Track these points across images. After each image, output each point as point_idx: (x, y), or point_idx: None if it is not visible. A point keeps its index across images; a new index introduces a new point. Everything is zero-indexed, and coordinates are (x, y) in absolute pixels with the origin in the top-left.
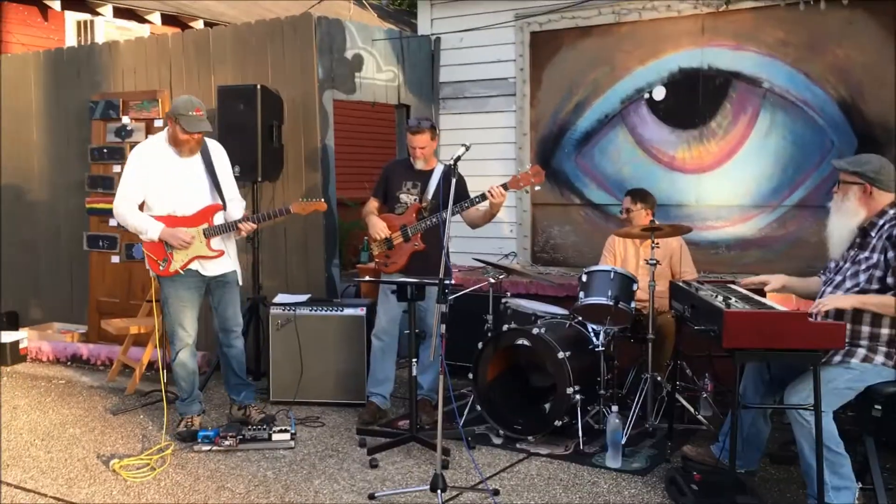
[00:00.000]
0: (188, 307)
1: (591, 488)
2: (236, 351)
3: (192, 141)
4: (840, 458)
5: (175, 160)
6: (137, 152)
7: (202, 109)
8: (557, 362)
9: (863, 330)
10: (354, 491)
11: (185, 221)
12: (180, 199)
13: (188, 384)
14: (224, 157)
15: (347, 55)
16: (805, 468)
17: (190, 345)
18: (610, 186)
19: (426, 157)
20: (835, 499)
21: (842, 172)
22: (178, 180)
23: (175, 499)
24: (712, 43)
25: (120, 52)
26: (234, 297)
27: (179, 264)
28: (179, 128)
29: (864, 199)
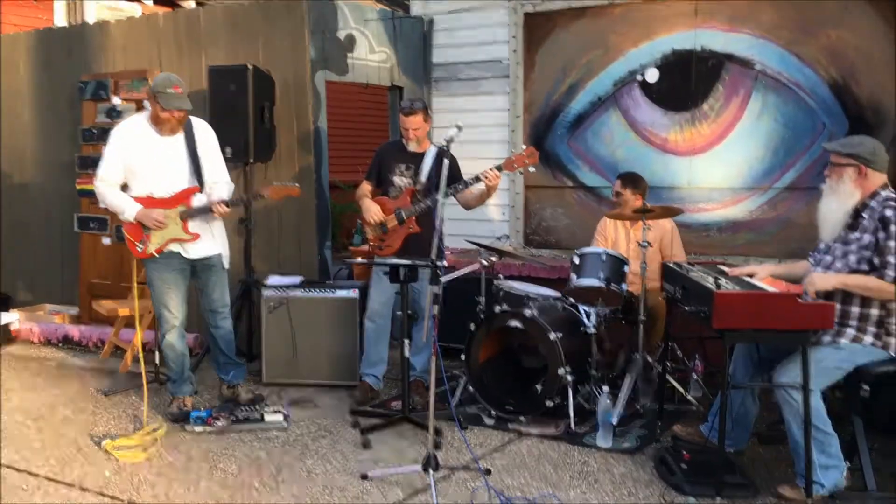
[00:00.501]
0: (172, 289)
1: (582, 467)
2: (223, 331)
3: (172, 119)
4: (828, 437)
5: (156, 140)
6: (118, 131)
7: (181, 87)
8: (549, 343)
9: (852, 310)
10: (347, 471)
11: (163, 203)
12: (159, 179)
13: (178, 365)
14: (210, 138)
15: (340, 36)
16: (793, 446)
17: (177, 326)
18: (603, 169)
19: (419, 139)
20: (823, 478)
21: (835, 154)
22: (158, 161)
23: (168, 479)
24: (706, 25)
25: (110, 32)
26: (220, 279)
27: (155, 246)
28: (159, 106)
29: (859, 181)
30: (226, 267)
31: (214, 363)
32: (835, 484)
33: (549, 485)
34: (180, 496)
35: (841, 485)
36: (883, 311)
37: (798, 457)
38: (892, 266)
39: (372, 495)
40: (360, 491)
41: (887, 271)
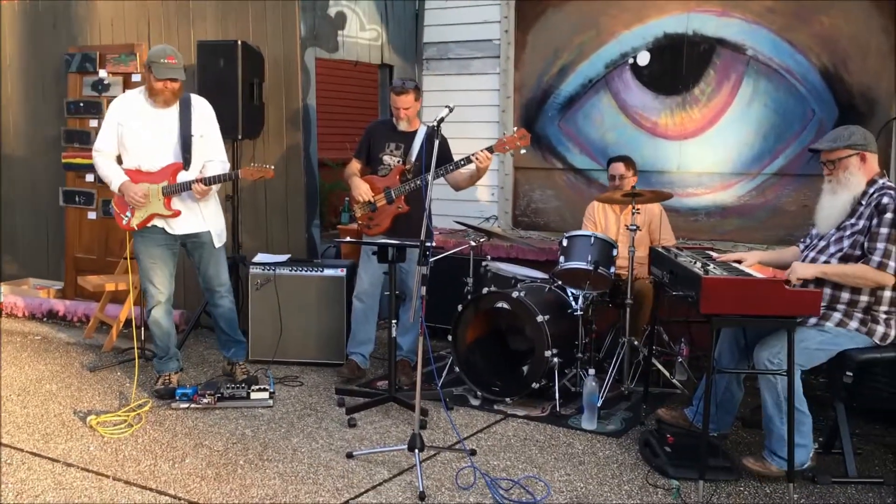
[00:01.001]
0: (158, 264)
1: (567, 449)
2: (223, 310)
3: (166, 91)
4: (802, 416)
5: (149, 114)
6: (116, 103)
7: (176, 58)
8: (536, 326)
9: (842, 296)
10: (332, 449)
11: (149, 177)
12: (148, 153)
13: (163, 342)
14: (208, 115)
15: (330, 13)
16: (766, 422)
17: (162, 303)
18: (593, 151)
19: (409, 118)
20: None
21: (834, 152)
22: (148, 135)
23: (152, 455)
24: (698, 9)
25: (97, 5)
26: (215, 256)
27: (138, 220)
28: (152, 76)
29: (864, 167)
30: (217, 245)
31: (217, 340)
32: (801, 462)
33: (534, 466)
34: (165, 472)
35: (806, 464)
36: (872, 298)
37: (769, 432)
38: (879, 252)
39: (357, 474)
40: (345, 469)
41: (874, 256)
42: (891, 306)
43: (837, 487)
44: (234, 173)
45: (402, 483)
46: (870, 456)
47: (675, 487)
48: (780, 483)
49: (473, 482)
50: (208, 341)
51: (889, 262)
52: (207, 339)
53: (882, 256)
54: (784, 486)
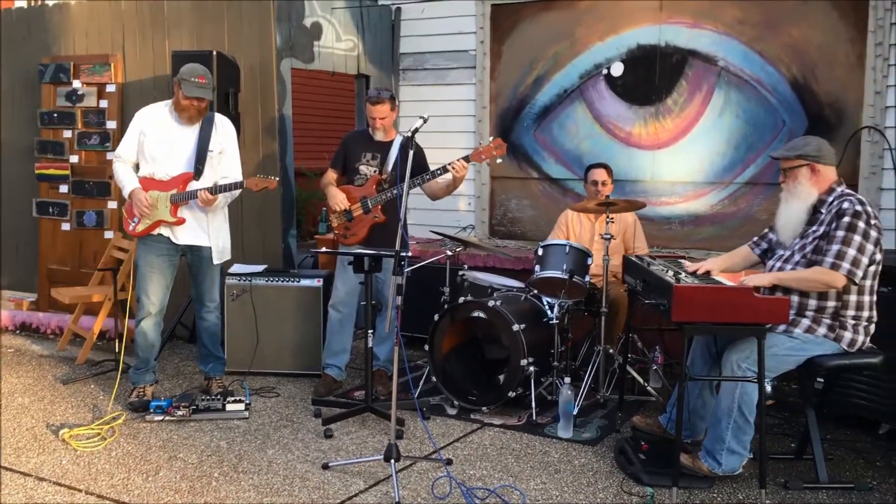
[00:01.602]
0: (155, 274)
1: (543, 458)
2: (208, 324)
3: (191, 108)
4: (748, 426)
5: (172, 127)
6: (140, 112)
7: (206, 78)
8: (512, 334)
9: (809, 302)
10: (308, 460)
11: (159, 185)
12: (163, 163)
13: (145, 354)
14: (229, 134)
15: (306, 23)
16: (713, 421)
17: (153, 314)
18: (568, 161)
19: (386, 128)
20: (724, 458)
21: (785, 160)
22: (166, 145)
23: (126, 468)
24: (670, 20)
25: (71, 14)
26: (210, 273)
27: (143, 226)
28: (181, 93)
29: (814, 178)
30: (216, 261)
31: (197, 353)
32: (731, 468)
33: (511, 475)
34: (139, 486)
35: (736, 471)
36: (839, 303)
37: (711, 432)
38: (832, 253)
39: (333, 485)
40: (320, 481)
41: (826, 258)
42: (857, 311)
43: (809, 493)
44: (240, 182)
45: (378, 494)
46: (840, 461)
47: (649, 494)
48: (753, 489)
49: (449, 492)
50: (183, 353)
51: (842, 263)
52: (182, 351)
53: (835, 258)
54: (756, 492)
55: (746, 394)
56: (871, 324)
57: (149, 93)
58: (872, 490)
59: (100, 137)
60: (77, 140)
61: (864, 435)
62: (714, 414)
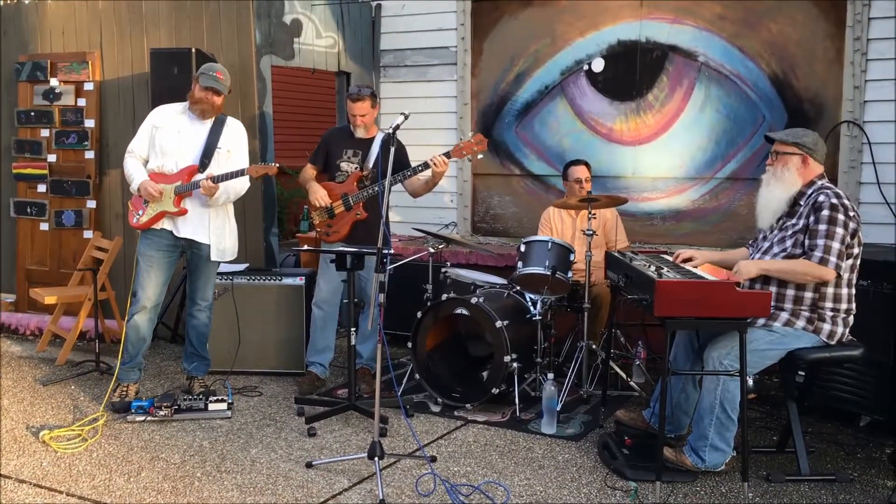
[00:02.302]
0: (154, 268)
1: (527, 454)
2: (197, 322)
3: (206, 101)
4: (730, 423)
5: (183, 122)
6: (155, 111)
7: (224, 75)
8: (495, 331)
9: (787, 293)
10: (292, 459)
11: (166, 178)
12: (171, 158)
13: (135, 349)
14: (238, 134)
15: (286, 20)
16: (696, 419)
17: (148, 309)
18: (549, 157)
19: (366, 125)
20: (707, 455)
21: (780, 144)
22: (176, 140)
23: (108, 469)
24: (650, 16)
25: (48, 12)
26: (206, 271)
27: (147, 217)
28: (198, 85)
29: (802, 170)
30: (214, 258)
31: (184, 350)
32: (714, 464)
33: (495, 472)
34: (120, 487)
35: (719, 467)
36: (816, 295)
37: (695, 429)
38: (819, 248)
39: (317, 484)
40: (304, 479)
41: (815, 252)
42: (835, 302)
43: (791, 485)
44: (242, 170)
45: (362, 491)
46: (822, 454)
47: (633, 489)
48: (736, 482)
49: (433, 489)
50: (165, 353)
51: (829, 257)
52: (164, 351)
53: (823, 252)
54: (739, 485)
55: (728, 391)
56: (849, 315)
57: (127, 91)
58: (853, 482)
59: (78, 136)
60: (55, 139)
61: (844, 427)
62: (697, 411)
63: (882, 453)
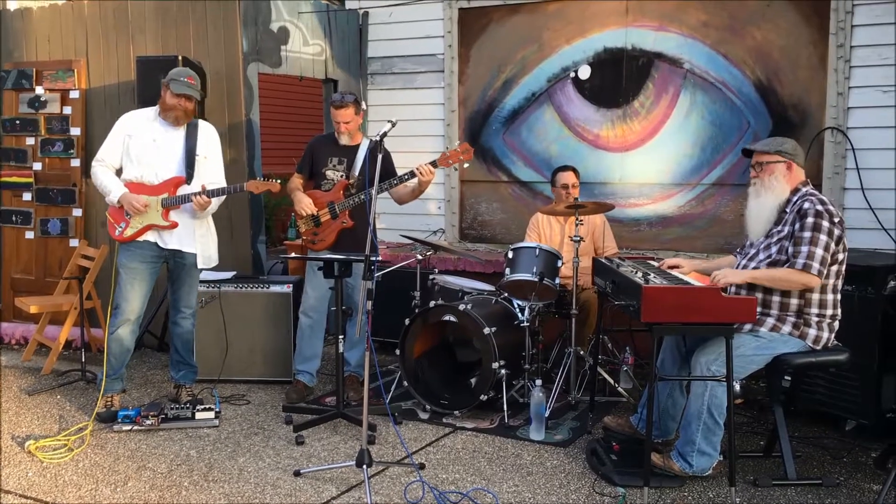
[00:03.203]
0: (137, 280)
1: (515, 460)
2: (182, 330)
3: (178, 108)
4: (717, 427)
5: (157, 129)
6: (124, 117)
7: (195, 80)
8: (483, 338)
9: (773, 299)
10: (280, 468)
11: (149, 189)
12: (150, 166)
13: (118, 361)
14: (213, 140)
15: (273, 28)
16: (684, 423)
17: (131, 321)
18: (537, 164)
19: (351, 133)
20: (694, 459)
21: (765, 154)
22: (153, 148)
23: (94, 479)
24: (636, 23)
25: (33, 20)
26: (190, 279)
27: (133, 231)
28: (169, 92)
29: (788, 176)
30: (199, 266)
31: (170, 358)
32: (701, 469)
33: (483, 478)
34: (107, 497)
35: (706, 472)
36: (801, 301)
37: (682, 434)
38: (803, 254)
39: (305, 492)
40: (292, 488)
41: (798, 259)
42: (821, 308)
43: (778, 489)
44: (239, 186)
45: (350, 499)
46: (808, 458)
47: (621, 494)
48: (723, 487)
49: (422, 496)
50: (151, 361)
51: (813, 263)
52: (151, 360)
53: (806, 258)
54: (726, 490)
55: (716, 396)
56: (835, 321)
57: (113, 99)
58: (839, 485)
59: (63, 144)
60: (40, 147)
61: (830, 431)
62: (685, 417)
63: (868, 457)
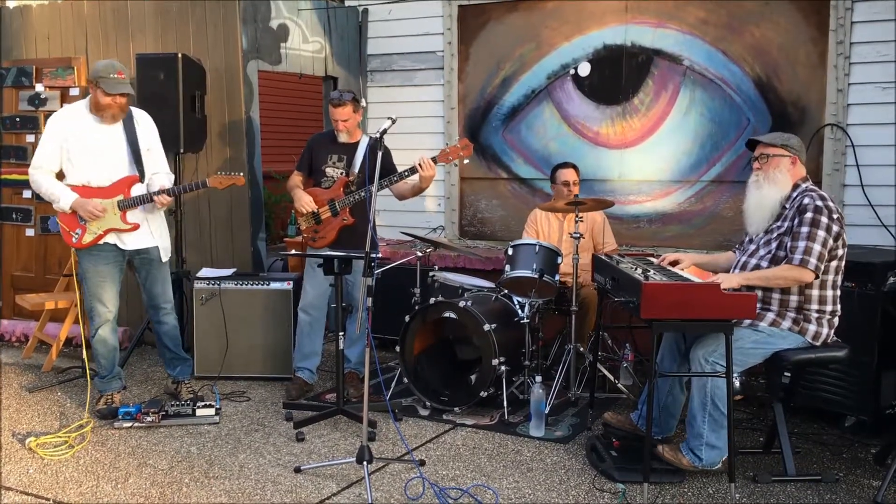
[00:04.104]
0: (107, 282)
1: (515, 457)
2: (168, 327)
3: (114, 106)
4: (723, 419)
5: (95, 128)
6: (55, 118)
7: (124, 73)
8: (483, 334)
9: (773, 296)
10: (280, 464)
11: (100, 192)
12: (97, 169)
13: (108, 361)
14: (151, 128)
15: (272, 25)
16: (689, 418)
17: (110, 320)
18: (536, 161)
19: (350, 130)
20: (704, 453)
21: (768, 146)
22: (96, 149)
23: (95, 476)
24: (635, 20)
25: (33, 17)
26: (161, 273)
27: (92, 236)
28: (101, 91)
29: (792, 170)
30: (164, 260)
31: (161, 358)
32: (711, 462)
33: (483, 475)
34: (108, 493)
35: (716, 465)
36: (801, 297)
37: (690, 429)
38: (800, 250)
39: (305, 489)
40: (293, 484)
41: (795, 255)
42: (821, 304)
43: (777, 485)
44: (202, 182)
45: (350, 496)
46: (808, 454)
47: (621, 490)
48: (723, 483)
49: (422, 492)
50: (152, 358)
51: (810, 259)
52: (151, 357)
53: (802, 254)
54: (726, 486)
55: (718, 387)
56: (834, 317)
57: None
58: (839, 482)
59: None
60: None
61: (830, 428)
62: (689, 411)
63: (867, 453)
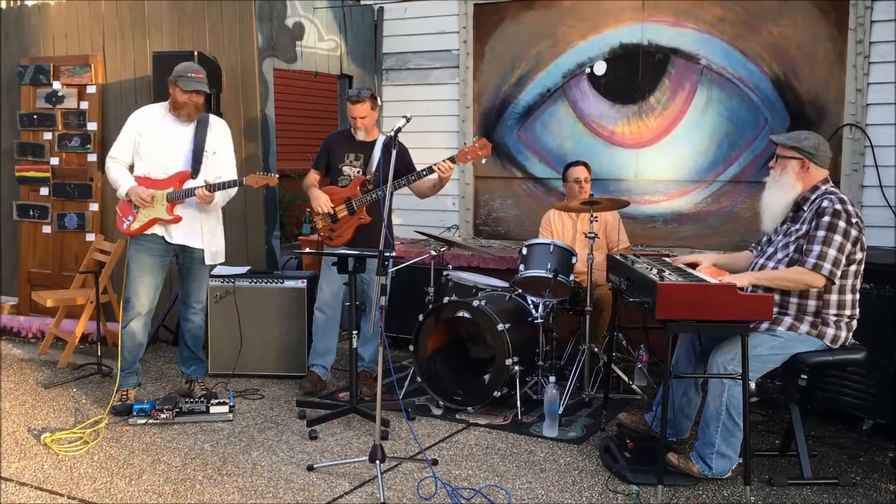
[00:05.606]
0: (146, 274)
1: (528, 457)
2: (192, 326)
3: (190, 104)
4: (737, 429)
5: (168, 126)
6: (136, 114)
7: (202, 73)
8: (497, 334)
9: (791, 299)
10: (293, 462)
11: (156, 184)
12: (159, 162)
13: (132, 355)
14: (223, 134)
15: (288, 23)
16: (702, 426)
17: (143, 315)
18: (551, 160)
19: (367, 128)
20: (714, 463)
21: (780, 147)
22: (163, 145)
23: (109, 472)
24: (652, 19)
25: (50, 15)
26: (200, 273)
27: (139, 224)
28: (179, 89)
29: (802, 174)
30: (208, 262)
31: (179, 354)
32: (721, 471)
33: (496, 475)
34: (121, 490)
35: (726, 474)
36: (819, 302)
37: (701, 436)
38: (814, 253)
39: (318, 487)
40: (305, 482)
41: (809, 258)
42: (839, 309)
43: (793, 489)
44: (238, 181)
45: (363, 495)
46: (824, 457)
47: (635, 492)
48: (738, 486)
49: (435, 492)
50: (167, 356)
51: (824, 263)
52: (166, 354)
53: (816, 258)
54: (741, 489)
55: (734, 396)
56: (853, 320)
57: (129, 94)
58: (856, 485)
59: (80, 139)
60: (57, 142)
61: (847, 431)
62: (703, 418)
63: (885, 457)
